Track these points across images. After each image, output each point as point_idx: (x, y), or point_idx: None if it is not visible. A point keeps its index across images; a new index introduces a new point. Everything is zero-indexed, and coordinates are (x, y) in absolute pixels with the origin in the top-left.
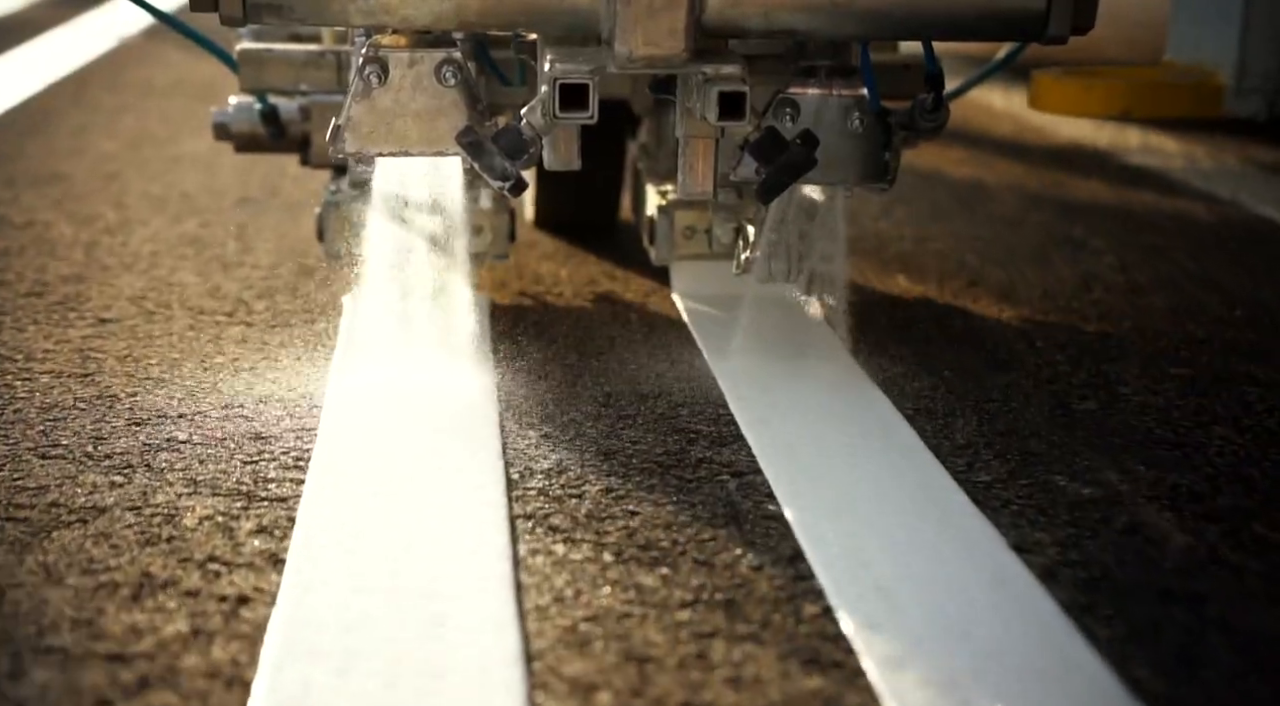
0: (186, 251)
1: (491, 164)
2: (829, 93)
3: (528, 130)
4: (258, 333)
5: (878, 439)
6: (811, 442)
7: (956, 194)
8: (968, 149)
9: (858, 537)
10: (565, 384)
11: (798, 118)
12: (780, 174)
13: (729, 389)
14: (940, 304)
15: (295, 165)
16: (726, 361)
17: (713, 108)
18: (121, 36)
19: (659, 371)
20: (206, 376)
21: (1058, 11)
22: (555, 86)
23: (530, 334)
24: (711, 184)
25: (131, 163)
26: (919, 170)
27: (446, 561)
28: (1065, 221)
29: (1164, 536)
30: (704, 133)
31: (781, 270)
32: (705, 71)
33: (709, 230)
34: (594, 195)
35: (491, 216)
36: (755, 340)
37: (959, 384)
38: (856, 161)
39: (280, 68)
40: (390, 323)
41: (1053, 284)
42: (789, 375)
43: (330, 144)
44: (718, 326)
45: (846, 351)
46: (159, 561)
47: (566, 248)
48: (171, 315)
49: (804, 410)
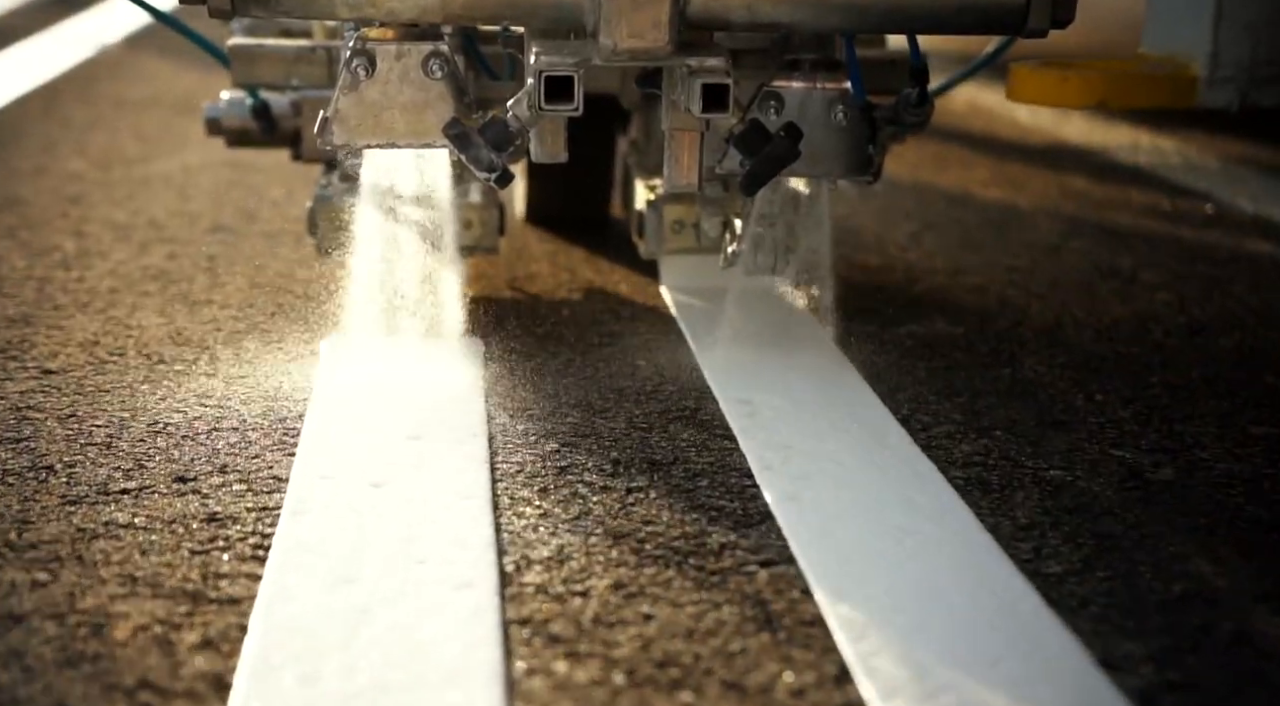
0: (150, 288)
1: (478, 156)
2: (813, 86)
3: (514, 122)
4: (221, 385)
5: (927, 520)
6: (852, 526)
7: (987, 217)
8: (994, 166)
9: (911, 644)
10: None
11: (782, 111)
12: (764, 166)
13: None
14: (983, 349)
15: (276, 189)
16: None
17: (696, 100)
18: (101, 44)
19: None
20: (158, 441)
21: (1037, 5)
22: (540, 79)
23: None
24: (697, 176)
25: (98, 184)
26: (946, 192)
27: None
28: (1108, 249)
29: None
30: (689, 125)
31: (767, 263)
32: (689, 64)
33: (697, 224)
34: (584, 190)
35: (481, 211)
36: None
37: (1013, 447)
38: (840, 154)
39: (271, 63)
40: (371, 377)
41: (1105, 323)
42: (815, 436)
43: (318, 136)
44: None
45: (868, 387)
46: (78, 689)
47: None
48: (126, 364)
49: (838, 485)
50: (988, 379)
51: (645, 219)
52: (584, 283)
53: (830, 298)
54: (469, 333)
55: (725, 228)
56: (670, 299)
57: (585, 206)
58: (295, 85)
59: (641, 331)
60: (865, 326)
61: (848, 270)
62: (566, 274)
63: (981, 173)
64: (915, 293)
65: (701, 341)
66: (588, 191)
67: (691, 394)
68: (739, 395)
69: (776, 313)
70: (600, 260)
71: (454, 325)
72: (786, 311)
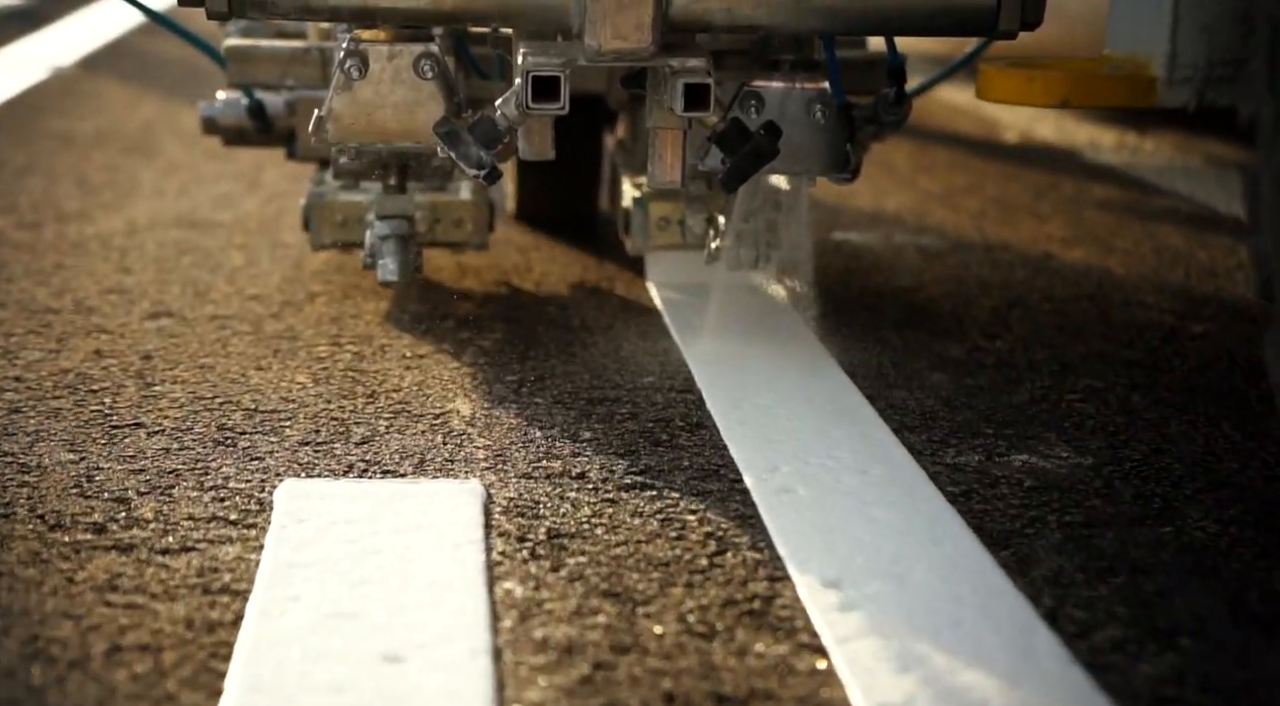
0: (62, 403)
1: (467, 153)
2: (792, 86)
3: (502, 121)
4: (132, 569)
5: None
6: None
7: (1079, 290)
8: (1069, 221)
9: None
10: None
11: (762, 110)
12: (744, 163)
13: None
14: (1126, 493)
15: (236, 254)
16: None
17: (679, 99)
18: (55, 67)
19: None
20: (32, 673)
21: (1007, 8)
22: (528, 78)
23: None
24: (680, 173)
25: (22, 249)
26: (1022, 252)
27: None
28: (1238, 334)
29: None
30: (672, 124)
31: (750, 258)
32: (672, 64)
33: (682, 221)
34: (573, 189)
35: (471, 208)
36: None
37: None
38: (819, 152)
39: (266, 63)
40: (338, 545)
41: (1273, 452)
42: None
43: (313, 134)
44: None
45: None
46: None
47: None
48: (11, 532)
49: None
50: (1145, 542)
51: (631, 215)
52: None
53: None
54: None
55: (709, 224)
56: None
57: (574, 205)
58: (290, 85)
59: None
60: (968, 457)
61: (930, 363)
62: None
63: (1056, 228)
64: (1017, 401)
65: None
66: (576, 190)
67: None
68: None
69: (760, 305)
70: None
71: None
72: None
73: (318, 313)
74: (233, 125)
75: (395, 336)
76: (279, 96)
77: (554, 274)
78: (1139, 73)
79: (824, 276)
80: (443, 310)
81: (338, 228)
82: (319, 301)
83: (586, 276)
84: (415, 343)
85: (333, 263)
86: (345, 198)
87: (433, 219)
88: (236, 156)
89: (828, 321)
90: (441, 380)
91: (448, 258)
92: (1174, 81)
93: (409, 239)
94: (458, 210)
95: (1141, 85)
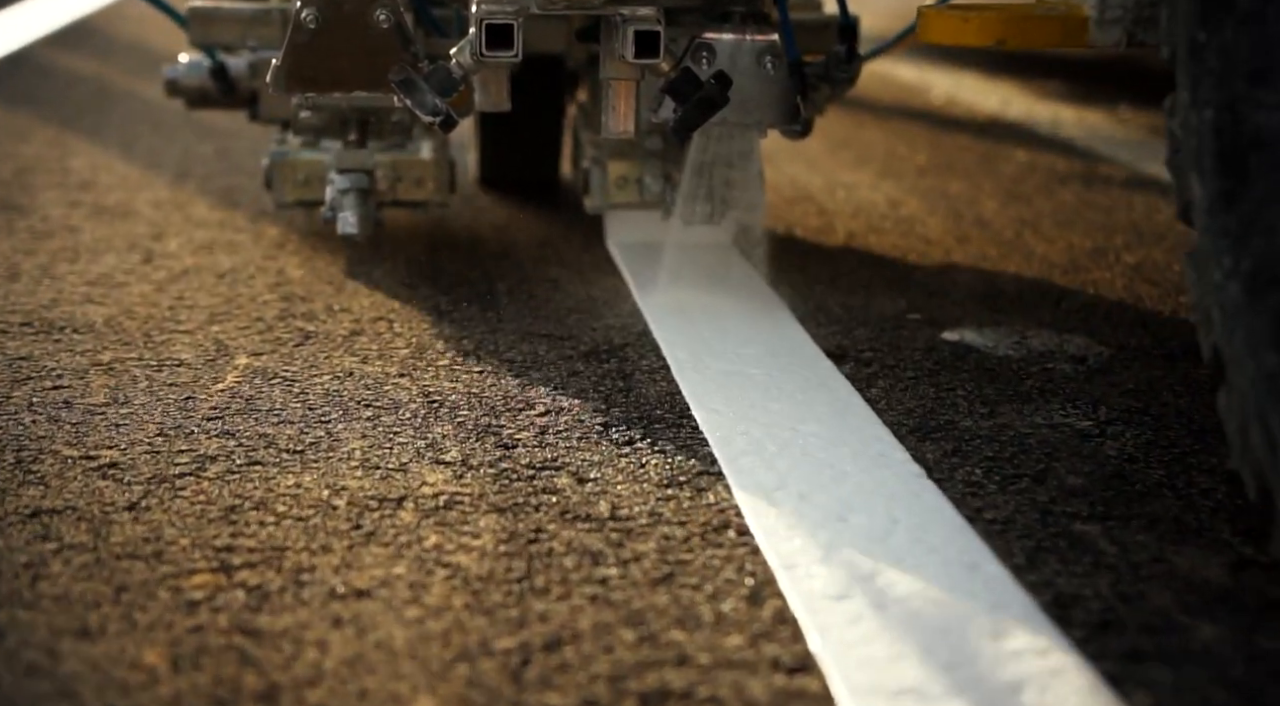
0: None
1: (423, 100)
2: (743, 38)
3: (457, 69)
4: None
5: None
6: None
7: None
8: None
9: None
10: None
11: (713, 61)
12: (694, 111)
13: None
14: None
15: (101, 387)
16: None
17: (629, 46)
18: None
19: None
20: None
21: None
22: (481, 26)
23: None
24: (633, 123)
25: None
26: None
27: None
28: None
29: None
30: (625, 74)
31: (704, 212)
32: (623, 13)
33: (640, 179)
34: (536, 153)
35: (433, 167)
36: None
37: None
38: (770, 103)
39: (228, 24)
40: None
41: None
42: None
43: (270, 83)
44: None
45: None
46: None
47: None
48: None
49: None
50: None
51: (590, 174)
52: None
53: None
54: None
55: (667, 182)
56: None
57: (537, 169)
58: (252, 46)
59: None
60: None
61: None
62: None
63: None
64: None
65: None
66: (539, 154)
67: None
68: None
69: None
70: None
71: None
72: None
73: (198, 508)
74: (195, 87)
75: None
76: (242, 58)
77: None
78: (1072, 13)
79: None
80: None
81: (299, 186)
82: (211, 473)
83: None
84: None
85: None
86: (307, 156)
87: (394, 178)
88: (137, 209)
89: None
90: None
91: (408, 216)
92: (1104, 21)
93: (369, 192)
94: (419, 169)
95: (1074, 26)
